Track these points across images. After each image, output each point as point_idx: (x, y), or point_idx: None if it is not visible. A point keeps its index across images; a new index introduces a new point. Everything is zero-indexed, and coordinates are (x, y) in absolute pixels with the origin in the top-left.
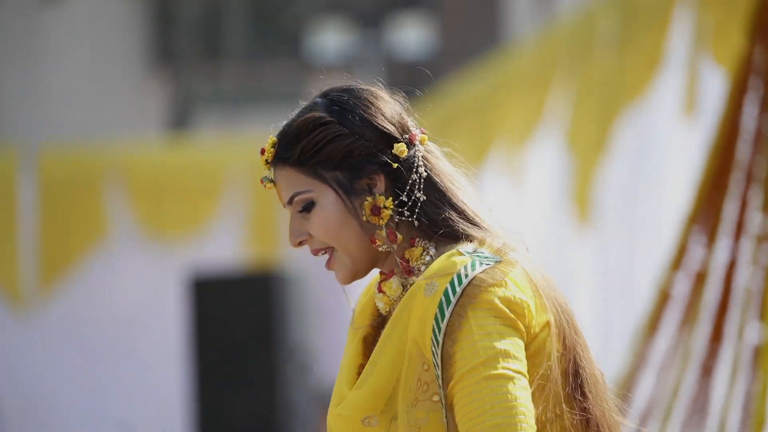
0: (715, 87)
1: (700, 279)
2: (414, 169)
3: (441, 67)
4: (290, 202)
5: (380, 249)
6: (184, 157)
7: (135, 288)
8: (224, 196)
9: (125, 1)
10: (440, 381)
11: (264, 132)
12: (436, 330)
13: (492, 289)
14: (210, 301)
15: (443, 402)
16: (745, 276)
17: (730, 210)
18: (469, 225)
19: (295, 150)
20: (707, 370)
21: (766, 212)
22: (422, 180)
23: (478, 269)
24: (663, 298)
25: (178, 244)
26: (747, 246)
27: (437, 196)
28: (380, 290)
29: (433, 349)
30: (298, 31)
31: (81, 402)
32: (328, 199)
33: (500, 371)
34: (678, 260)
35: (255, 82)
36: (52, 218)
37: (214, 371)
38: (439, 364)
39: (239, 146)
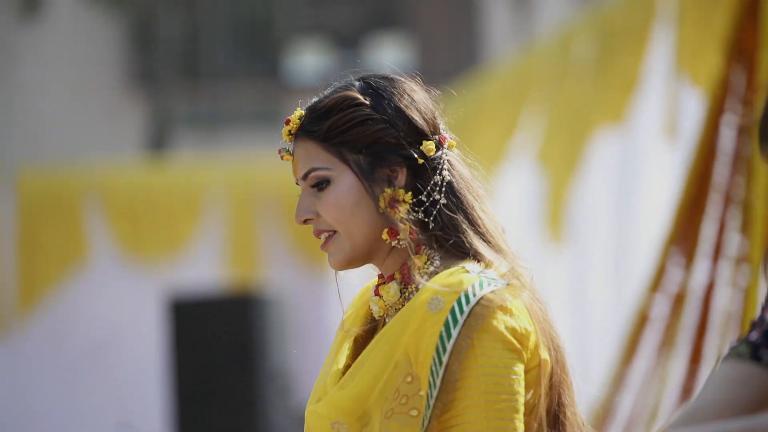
0: (694, 108)
1: (679, 301)
2: (438, 171)
3: None
4: (305, 176)
5: (394, 243)
6: (163, 178)
7: (114, 309)
8: (203, 217)
9: (104, 21)
10: (432, 401)
11: (243, 152)
12: (440, 349)
13: (499, 313)
14: (189, 322)
15: (424, 423)
16: (723, 298)
17: (708, 232)
18: (481, 242)
19: (323, 125)
20: (687, 392)
21: (745, 234)
22: (444, 184)
23: (486, 289)
24: (642, 320)
25: (157, 265)
26: (725, 268)
27: (455, 202)
28: (377, 293)
29: (434, 367)
30: (277, 52)
31: (61, 423)
32: (345, 181)
33: (503, 409)
34: (656, 282)
35: (233, 103)
36: (31, 239)
37: (193, 394)
38: (437, 385)
39: (218, 167)
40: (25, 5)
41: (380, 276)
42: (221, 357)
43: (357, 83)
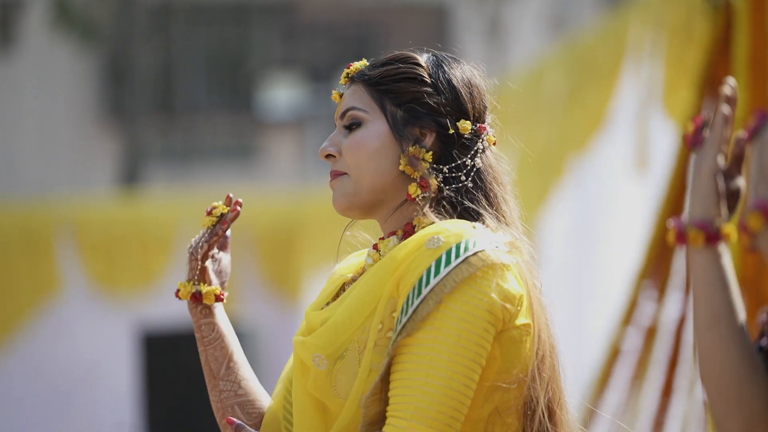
0: (667, 141)
1: (651, 334)
2: (470, 156)
3: None
4: (343, 115)
5: (417, 196)
6: (136, 213)
7: (86, 343)
8: (176, 252)
9: (77, 55)
10: (399, 326)
11: (215, 186)
12: (424, 281)
13: (491, 272)
14: (162, 356)
15: (390, 346)
16: None
17: (680, 265)
18: (490, 216)
19: (376, 71)
20: (659, 424)
21: None
22: (472, 168)
23: (487, 245)
24: (614, 354)
25: (130, 299)
26: None
27: (478, 185)
28: (375, 248)
29: (411, 296)
30: (250, 86)
31: None
32: (375, 127)
33: (452, 356)
34: (629, 315)
35: (207, 137)
36: (3, 274)
37: (166, 427)
38: (409, 313)
39: (191, 201)
40: None
41: (381, 239)
42: (194, 391)
43: (428, 53)
